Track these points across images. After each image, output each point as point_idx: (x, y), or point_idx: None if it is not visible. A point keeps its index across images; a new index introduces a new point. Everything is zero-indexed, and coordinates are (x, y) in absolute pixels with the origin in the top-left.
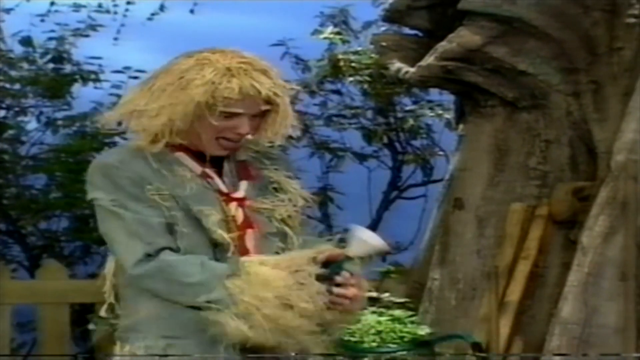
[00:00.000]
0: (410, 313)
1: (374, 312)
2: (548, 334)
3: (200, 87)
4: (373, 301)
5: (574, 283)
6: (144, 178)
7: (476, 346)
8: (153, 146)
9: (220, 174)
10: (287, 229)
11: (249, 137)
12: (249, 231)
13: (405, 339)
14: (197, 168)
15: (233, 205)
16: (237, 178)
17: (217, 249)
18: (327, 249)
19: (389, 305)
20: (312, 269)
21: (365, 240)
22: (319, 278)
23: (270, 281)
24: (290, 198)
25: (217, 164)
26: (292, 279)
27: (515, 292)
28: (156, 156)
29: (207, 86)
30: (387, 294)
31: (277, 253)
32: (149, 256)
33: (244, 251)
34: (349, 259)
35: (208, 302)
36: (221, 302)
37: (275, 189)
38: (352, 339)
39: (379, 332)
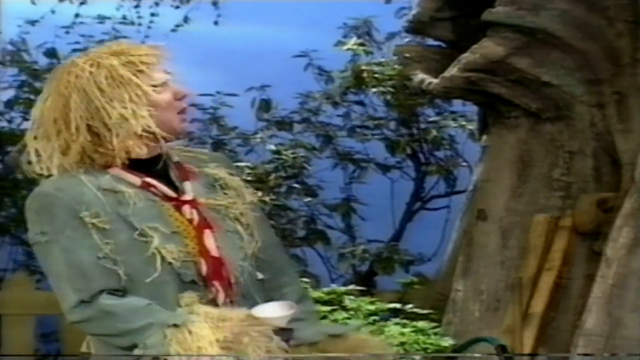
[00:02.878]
0: (433, 324)
1: (397, 324)
2: (572, 346)
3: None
4: (396, 312)
5: (598, 294)
6: (82, 203)
7: (501, 349)
8: (82, 166)
9: (160, 180)
10: (239, 227)
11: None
12: (207, 232)
13: (429, 350)
14: (136, 180)
15: (186, 208)
16: (179, 180)
17: (170, 267)
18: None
19: (413, 317)
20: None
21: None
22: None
23: (212, 335)
24: (238, 194)
25: (151, 171)
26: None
27: (539, 304)
28: (92, 178)
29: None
30: (410, 305)
31: (241, 249)
32: (83, 302)
33: (205, 253)
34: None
35: (144, 345)
36: (155, 347)
37: (221, 186)
38: None
39: (402, 344)
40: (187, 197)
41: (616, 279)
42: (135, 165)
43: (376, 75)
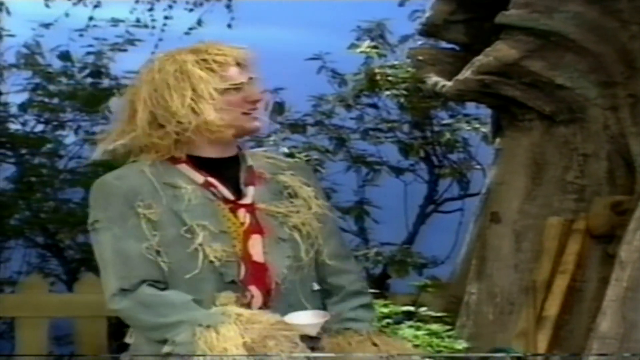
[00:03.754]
0: (447, 327)
1: (411, 326)
2: (586, 349)
3: (202, 76)
4: (410, 315)
5: (612, 298)
6: (138, 193)
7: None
8: (150, 159)
9: (226, 181)
10: (297, 235)
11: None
12: (254, 236)
13: (443, 354)
14: (199, 178)
15: (242, 211)
16: (244, 183)
17: (212, 265)
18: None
19: (426, 320)
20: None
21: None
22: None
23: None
24: (305, 204)
25: (219, 171)
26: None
27: (553, 307)
28: (155, 170)
29: (208, 72)
30: (424, 308)
31: (289, 258)
32: (123, 290)
33: (247, 257)
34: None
35: (173, 342)
36: (184, 345)
37: (289, 194)
38: None
39: (416, 347)
40: (245, 200)
41: (630, 281)
42: (204, 163)
43: (389, 78)
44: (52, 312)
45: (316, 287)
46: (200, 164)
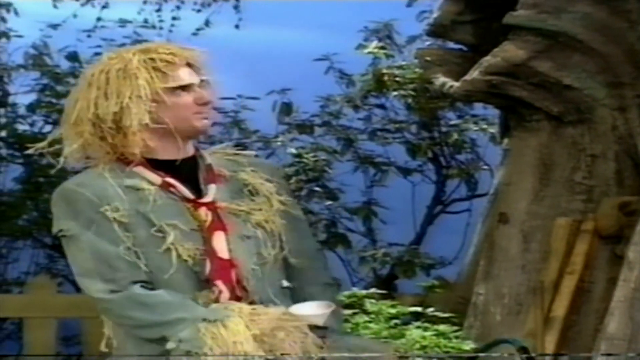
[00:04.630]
0: (455, 328)
1: (418, 327)
2: (594, 350)
3: (143, 76)
4: (417, 316)
5: (620, 298)
6: (104, 198)
7: (523, 350)
8: (108, 163)
9: (185, 181)
10: (260, 232)
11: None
12: (217, 233)
13: (450, 354)
14: (157, 179)
15: (202, 210)
16: (204, 182)
17: (186, 264)
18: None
19: (434, 320)
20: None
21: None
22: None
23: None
24: (266, 201)
25: (177, 172)
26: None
27: (561, 308)
28: (114, 174)
29: (151, 72)
30: (431, 309)
31: (255, 254)
32: (113, 292)
33: (212, 252)
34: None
35: (177, 339)
36: (189, 342)
37: (250, 192)
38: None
39: (423, 347)
40: (206, 199)
41: (638, 282)
42: (161, 165)
43: (397, 79)
44: (60, 313)
45: (285, 283)
46: (156, 165)
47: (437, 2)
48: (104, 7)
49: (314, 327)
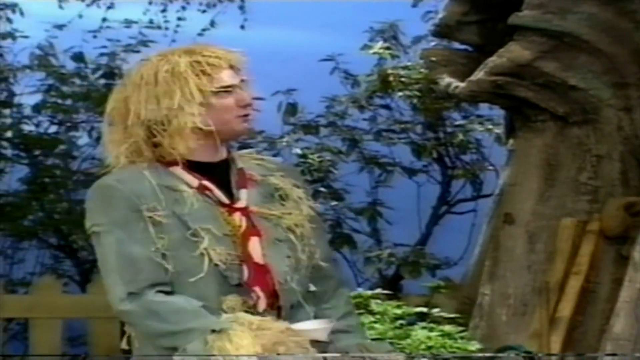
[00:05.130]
0: (460, 328)
1: (424, 328)
2: (600, 350)
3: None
4: (423, 316)
5: (626, 299)
6: (141, 196)
7: (528, 356)
8: (147, 162)
9: (219, 184)
10: (292, 236)
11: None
12: (253, 239)
13: (456, 355)
14: (194, 181)
15: (237, 215)
16: (237, 186)
17: (216, 268)
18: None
19: (439, 321)
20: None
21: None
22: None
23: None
24: (296, 206)
25: (212, 175)
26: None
27: (566, 308)
28: (154, 173)
29: (199, 77)
30: (437, 310)
31: (288, 257)
32: (131, 294)
33: (249, 259)
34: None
35: (184, 350)
36: (195, 354)
37: (280, 196)
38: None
39: (429, 348)
40: (240, 204)
41: None
42: (197, 167)
43: (402, 79)
44: (65, 313)
45: (312, 287)
46: (192, 167)
47: (442, 2)
48: (110, 7)
49: (315, 342)
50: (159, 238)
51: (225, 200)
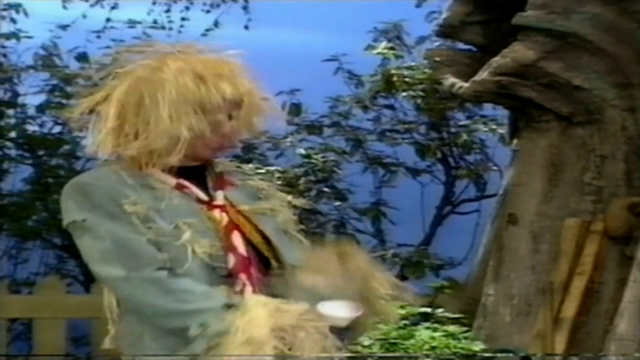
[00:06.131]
0: (464, 329)
1: (427, 328)
2: (604, 350)
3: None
4: (427, 317)
5: (630, 299)
6: (120, 192)
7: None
8: (127, 167)
9: (196, 185)
10: (289, 229)
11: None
12: (235, 232)
13: (459, 355)
14: (171, 180)
15: (216, 211)
16: (213, 188)
17: (201, 260)
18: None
19: (443, 321)
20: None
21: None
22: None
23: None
24: (282, 205)
25: (188, 177)
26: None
27: (570, 308)
28: (130, 173)
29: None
30: (441, 310)
31: (277, 253)
32: (134, 276)
33: (233, 249)
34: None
35: (200, 325)
36: (219, 333)
37: (265, 196)
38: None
39: (433, 348)
40: (218, 202)
41: None
42: (172, 168)
43: (406, 79)
44: (69, 313)
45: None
46: (168, 170)
47: (446, 2)
48: (113, 7)
49: (334, 328)
50: (147, 228)
51: (204, 197)
